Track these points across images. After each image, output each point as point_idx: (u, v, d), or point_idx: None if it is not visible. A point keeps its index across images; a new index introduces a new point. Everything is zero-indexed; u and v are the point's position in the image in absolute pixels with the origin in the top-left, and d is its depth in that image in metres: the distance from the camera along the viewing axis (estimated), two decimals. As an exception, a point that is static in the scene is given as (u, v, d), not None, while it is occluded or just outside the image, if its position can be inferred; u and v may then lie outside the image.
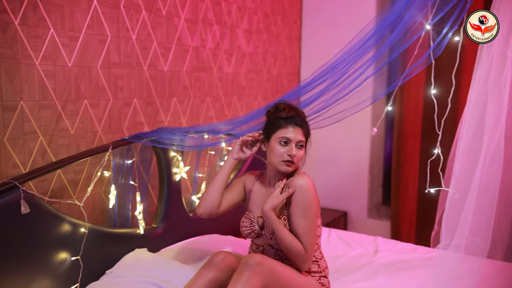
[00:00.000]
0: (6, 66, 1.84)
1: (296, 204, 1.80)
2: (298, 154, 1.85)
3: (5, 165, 1.87)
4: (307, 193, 1.79)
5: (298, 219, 1.79)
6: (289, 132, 1.84)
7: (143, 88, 2.46)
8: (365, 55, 2.18)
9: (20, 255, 1.67)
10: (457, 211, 1.65)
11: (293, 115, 1.86)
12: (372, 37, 2.15)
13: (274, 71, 3.60)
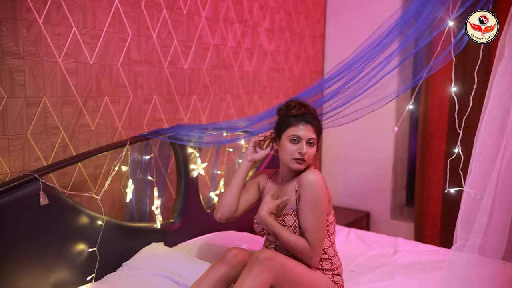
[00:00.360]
0: (30, 63, 1.91)
1: (305, 199, 1.79)
2: (309, 152, 1.85)
3: (28, 158, 1.94)
4: (317, 188, 1.79)
5: (306, 214, 1.79)
6: (300, 130, 1.84)
7: (163, 85, 2.50)
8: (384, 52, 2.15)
9: (39, 244, 1.73)
10: (473, 211, 1.61)
11: (304, 112, 1.86)
12: (391, 33, 2.13)
13: (297, 70, 3.60)
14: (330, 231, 1.92)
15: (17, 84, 1.88)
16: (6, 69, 1.84)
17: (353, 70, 2.20)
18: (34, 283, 1.72)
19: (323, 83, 2.37)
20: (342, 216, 3.62)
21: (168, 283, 1.85)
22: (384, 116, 3.62)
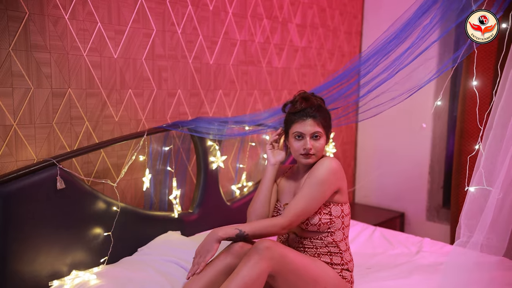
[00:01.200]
0: (56, 56, 2.04)
1: (309, 177, 1.83)
2: (315, 145, 1.86)
3: (54, 146, 2.07)
4: (324, 170, 1.81)
5: (303, 187, 1.82)
6: (302, 126, 1.86)
7: (187, 80, 2.57)
8: (421, 27, 2.08)
9: (55, 225, 1.84)
10: (478, 209, 1.55)
11: (305, 107, 1.87)
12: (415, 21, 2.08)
13: (330, 67, 3.56)
14: (345, 224, 1.90)
15: (44, 76, 2.01)
16: (33, 62, 1.97)
17: (389, 50, 2.16)
18: (50, 262, 1.83)
19: (358, 65, 2.34)
20: (375, 216, 3.54)
21: (177, 269, 1.91)
22: (421, 115, 3.51)
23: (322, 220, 1.84)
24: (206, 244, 1.73)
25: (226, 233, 1.75)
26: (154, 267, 1.90)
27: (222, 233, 1.74)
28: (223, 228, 1.76)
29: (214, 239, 1.73)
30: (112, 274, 1.81)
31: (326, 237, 1.87)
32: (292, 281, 1.73)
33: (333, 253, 1.88)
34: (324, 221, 1.84)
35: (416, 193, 3.64)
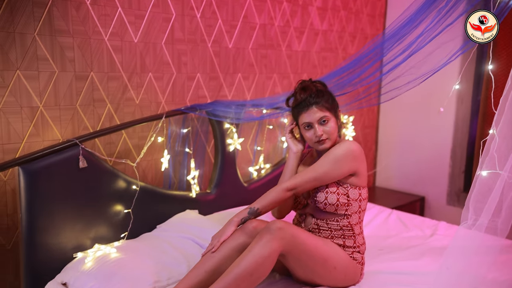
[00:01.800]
0: (78, 41, 2.13)
1: (326, 154, 1.88)
2: (325, 129, 1.89)
3: (77, 127, 2.17)
4: (342, 149, 1.86)
5: (318, 161, 1.87)
6: (306, 116, 1.90)
7: (206, 63, 2.63)
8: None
9: (79, 202, 1.95)
10: (486, 192, 1.55)
11: (304, 96, 1.90)
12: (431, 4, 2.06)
13: (351, 50, 3.55)
14: (362, 208, 1.94)
15: (67, 60, 2.11)
16: (57, 46, 2.06)
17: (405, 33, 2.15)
18: (75, 236, 1.95)
19: (382, 43, 2.34)
20: (395, 199, 3.55)
21: (193, 246, 2.00)
22: (444, 99, 3.47)
23: (340, 201, 1.88)
24: (223, 230, 1.84)
25: (239, 215, 1.85)
26: (171, 243, 1.99)
27: (236, 218, 1.85)
28: (236, 214, 1.86)
29: (230, 224, 1.84)
30: (131, 248, 1.91)
31: (342, 220, 1.91)
32: (303, 260, 1.79)
33: (346, 235, 1.92)
34: (342, 202, 1.88)
35: (437, 177, 3.62)
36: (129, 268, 1.78)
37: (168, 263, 1.86)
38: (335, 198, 1.88)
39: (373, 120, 3.92)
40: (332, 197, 1.88)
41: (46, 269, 1.87)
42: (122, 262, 1.81)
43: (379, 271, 2.05)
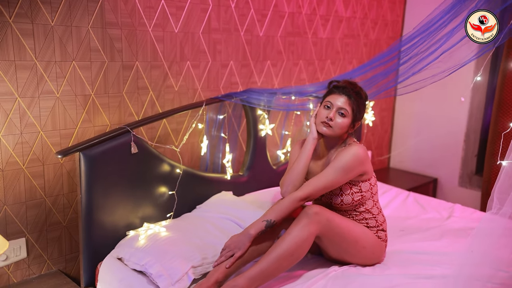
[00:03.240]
0: (126, 32, 2.26)
1: (335, 160, 1.97)
2: (337, 121, 1.98)
3: (124, 113, 2.33)
4: (351, 156, 1.95)
5: (327, 168, 1.96)
6: (334, 98, 2.00)
7: (239, 51, 2.76)
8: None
9: (130, 184, 2.12)
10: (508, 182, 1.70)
11: (345, 85, 2.01)
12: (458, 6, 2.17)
13: (372, 36, 3.66)
14: (373, 192, 2.10)
15: (116, 51, 2.25)
16: (107, 38, 2.20)
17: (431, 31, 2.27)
18: (126, 215, 2.13)
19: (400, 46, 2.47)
20: (409, 181, 3.73)
21: (232, 225, 2.19)
22: (460, 84, 3.60)
23: (355, 199, 2.03)
24: (239, 242, 1.87)
25: (256, 228, 1.88)
26: (212, 223, 2.18)
27: (253, 231, 1.88)
28: (252, 226, 1.89)
29: (247, 237, 1.87)
30: (178, 228, 2.10)
31: (359, 208, 2.08)
32: (337, 242, 1.98)
33: (368, 218, 2.09)
34: (356, 199, 2.04)
35: (450, 160, 3.79)
36: (179, 245, 1.97)
37: (212, 242, 2.04)
38: (350, 198, 2.03)
39: (389, 104, 4.06)
40: (348, 198, 2.03)
41: (102, 244, 2.06)
42: (172, 240, 1.99)
43: (401, 251, 2.24)
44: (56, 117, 2.11)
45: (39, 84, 2.04)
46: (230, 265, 1.84)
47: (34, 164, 2.09)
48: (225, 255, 1.87)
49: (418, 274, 2.00)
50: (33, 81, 2.02)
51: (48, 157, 2.13)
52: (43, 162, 2.12)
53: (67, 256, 2.29)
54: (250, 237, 1.88)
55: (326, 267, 2.07)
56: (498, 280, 1.93)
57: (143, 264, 1.88)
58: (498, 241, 1.73)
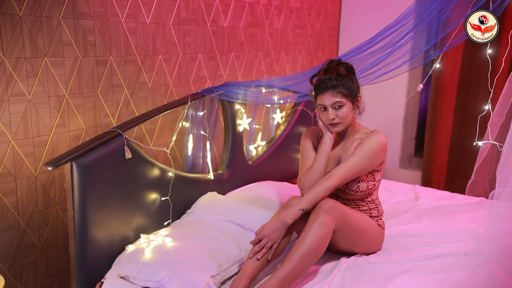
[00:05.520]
0: (99, 24, 2.01)
1: (361, 147, 1.97)
2: (339, 114, 1.96)
3: (99, 115, 2.08)
4: (376, 143, 1.96)
5: (353, 155, 1.95)
6: (322, 98, 1.96)
7: (206, 43, 2.61)
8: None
9: (124, 193, 1.90)
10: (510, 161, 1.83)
11: (323, 78, 1.95)
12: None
13: (317, 26, 3.71)
14: (380, 182, 2.13)
15: (89, 44, 1.99)
16: (80, 30, 1.94)
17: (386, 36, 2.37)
18: (121, 228, 1.91)
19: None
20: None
21: (235, 227, 2.07)
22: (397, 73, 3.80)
23: (369, 186, 2.05)
24: (276, 230, 1.84)
25: (293, 217, 1.86)
26: (214, 226, 2.04)
27: (290, 220, 1.85)
28: (288, 213, 1.86)
29: (284, 226, 1.84)
30: (181, 236, 1.93)
31: (366, 198, 2.10)
32: (347, 234, 1.97)
33: (372, 208, 2.12)
34: (370, 187, 2.06)
35: (390, 143, 4.00)
36: (190, 255, 1.81)
37: (221, 247, 1.92)
38: (366, 185, 2.04)
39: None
40: (363, 185, 2.03)
41: (98, 264, 1.82)
42: (181, 250, 1.83)
43: (392, 235, 2.31)
44: (28, 123, 1.82)
45: (8, 85, 1.73)
46: (271, 256, 1.82)
47: (5, 180, 1.78)
48: (267, 246, 1.81)
49: (421, 256, 2.07)
50: (1, 82, 1.71)
51: (21, 170, 1.82)
52: (15, 176, 1.81)
53: (43, 283, 1.99)
54: (287, 226, 1.84)
55: (335, 259, 2.05)
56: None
57: (159, 280, 1.70)
58: None
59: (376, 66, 2.37)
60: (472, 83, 3.57)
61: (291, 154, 3.07)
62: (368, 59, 2.54)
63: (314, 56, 3.70)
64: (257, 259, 1.81)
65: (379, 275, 1.92)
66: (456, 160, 3.71)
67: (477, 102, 3.55)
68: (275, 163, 2.91)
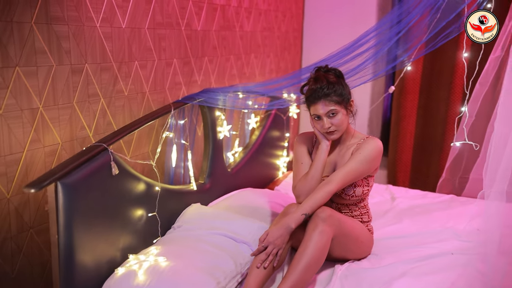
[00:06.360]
0: (73, 29, 1.85)
1: (359, 152, 1.96)
2: (334, 122, 1.92)
3: (75, 127, 1.92)
4: (373, 149, 1.95)
5: (351, 160, 1.94)
6: (316, 108, 1.92)
7: (181, 48, 2.50)
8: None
9: (111, 213, 1.77)
10: (496, 162, 1.87)
11: (314, 88, 1.92)
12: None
13: (283, 28, 3.68)
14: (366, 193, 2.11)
15: (64, 51, 1.83)
16: (54, 36, 1.78)
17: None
18: (108, 249, 1.77)
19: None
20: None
21: (227, 241, 1.97)
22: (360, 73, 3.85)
23: (364, 191, 2.04)
24: (281, 236, 1.80)
25: (297, 222, 1.83)
26: (206, 241, 1.94)
27: (294, 225, 1.82)
28: (291, 218, 1.83)
29: (288, 231, 1.82)
30: (173, 254, 1.81)
31: (359, 203, 2.09)
32: (343, 241, 1.95)
33: (363, 213, 2.11)
34: (365, 192, 2.04)
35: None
36: (186, 274, 1.71)
37: (217, 263, 1.82)
38: (361, 190, 2.02)
39: (296, 95, 4.14)
40: (359, 190, 2.02)
41: (85, 291, 1.68)
42: (176, 269, 1.72)
43: (379, 239, 2.31)
44: (0, 139, 1.64)
45: (-22, 98, 1.55)
46: (276, 263, 1.79)
47: (-24, 205, 1.60)
48: (272, 253, 1.78)
49: (411, 258, 2.08)
50: (-30, 96, 1.53)
51: (-7, 192, 1.64)
52: (-13, 200, 1.63)
53: (19, 314, 1.81)
54: (291, 231, 1.83)
55: (330, 267, 2.02)
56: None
57: (158, 305, 1.58)
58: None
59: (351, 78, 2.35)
60: (433, 84, 3.67)
61: (267, 159, 3.02)
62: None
63: (281, 58, 3.66)
64: (264, 267, 1.76)
65: (376, 280, 1.91)
66: (420, 158, 3.81)
67: (439, 102, 3.66)
68: (253, 169, 2.84)
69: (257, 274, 1.75)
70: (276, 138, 3.09)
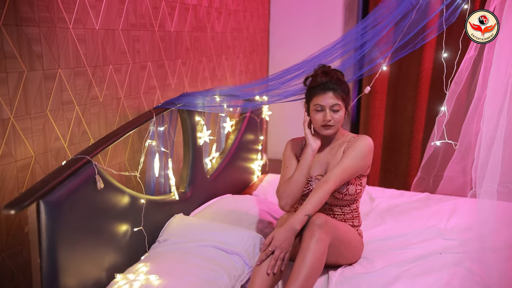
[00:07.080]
0: (45, 31, 1.69)
1: (352, 149, 1.94)
2: (334, 117, 1.93)
3: (49, 138, 1.76)
4: (366, 144, 1.96)
5: (345, 156, 1.93)
6: (322, 99, 1.91)
7: (155, 50, 2.37)
8: None
9: (96, 231, 1.63)
10: (484, 160, 1.88)
11: (324, 81, 1.92)
12: None
13: (251, 29, 3.60)
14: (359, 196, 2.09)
15: (35, 56, 1.67)
16: (24, 39, 1.61)
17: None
18: (93, 270, 1.63)
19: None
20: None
21: (218, 252, 1.87)
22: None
23: (357, 191, 2.01)
24: (287, 238, 1.77)
25: (301, 223, 1.81)
26: (196, 254, 1.83)
27: (298, 226, 1.80)
28: (295, 220, 1.81)
29: (293, 233, 1.79)
30: (165, 270, 1.69)
31: (352, 204, 2.05)
32: (337, 247, 1.90)
33: (355, 216, 2.08)
34: (358, 191, 2.01)
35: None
36: (181, 292, 1.60)
37: (211, 277, 1.72)
38: (354, 189, 2.00)
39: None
40: (352, 188, 1.99)
41: (71, 317, 1.53)
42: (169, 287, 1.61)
43: (366, 241, 2.27)
44: (-31, 155, 1.46)
45: None
46: (284, 265, 1.75)
47: None
48: (280, 257, 1.74)
49: (402, 261, 2.06)
50: None
51: (-38, 215, 1.46)
52: (-45, 223, 1.45)
53: None
54: (296, 232, 1.80)
55: (323, 274, 1.96)
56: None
57: (155, 328, 1.47)
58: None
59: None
60: (399, 84, 3.72)
61: (243, 164, 2.94)
62: None
63: (250, 59, 3.59)
64: (274, 273, 1.72)
65: (372, 286, 1.88)
66: (388, 157, 3.85)
67: (406, 101, 3.72)
68: (231, 174, 2.75)
69: (264, 281, 1.70)
70: (251, 141, 3.02)
